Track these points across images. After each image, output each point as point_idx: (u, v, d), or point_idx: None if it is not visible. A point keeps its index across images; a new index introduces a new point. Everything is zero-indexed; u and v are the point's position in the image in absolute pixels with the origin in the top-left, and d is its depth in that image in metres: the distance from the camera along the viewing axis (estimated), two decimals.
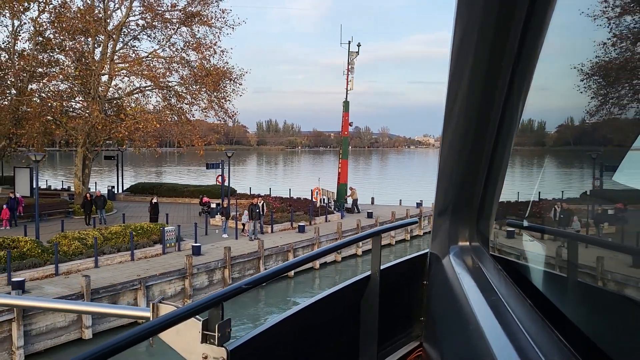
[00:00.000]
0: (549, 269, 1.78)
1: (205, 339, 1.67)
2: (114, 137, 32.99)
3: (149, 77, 31.62)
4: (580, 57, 1.38)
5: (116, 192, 40.13)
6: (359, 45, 37.21)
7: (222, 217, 27.43)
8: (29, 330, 15.35)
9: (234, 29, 33.64)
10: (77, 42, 31.19)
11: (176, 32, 32.95)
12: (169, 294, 19.65)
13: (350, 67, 37.04)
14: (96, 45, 32.24)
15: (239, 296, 1.79)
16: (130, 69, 31.90)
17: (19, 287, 16.14)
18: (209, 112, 34.02)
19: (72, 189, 36.73)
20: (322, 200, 34.69)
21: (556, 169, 2.01)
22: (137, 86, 33.64)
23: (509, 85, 1.89)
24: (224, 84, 33.46)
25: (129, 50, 33.35)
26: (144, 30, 33.14)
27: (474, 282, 2.08)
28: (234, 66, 33.91)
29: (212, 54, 32.72)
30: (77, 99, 33.25)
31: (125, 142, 35.15)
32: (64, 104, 31.27)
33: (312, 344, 2.32)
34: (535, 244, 2.01)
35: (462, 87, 1.99)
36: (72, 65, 30.93)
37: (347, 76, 36.93)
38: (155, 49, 33.29)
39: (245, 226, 26.54)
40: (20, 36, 31.33)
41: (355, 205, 35.75)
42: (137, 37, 33.60)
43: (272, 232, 27.64)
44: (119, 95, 34.19)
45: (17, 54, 30.89)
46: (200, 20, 32.39)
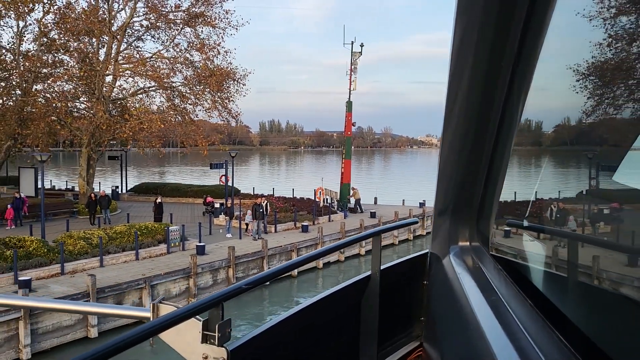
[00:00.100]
0: (549, 269, 1.77)
1: (205, 339, 1.67)
2: (118, 138, 33.13)
3: (153, 77, 31.71)
4: (579, 57, 1.38)
5: (120, 192, 40.27)
6: (362, 45, 37.17)
7: (226, 217, 27.49)
8: (36, 328, 15.46)
9: (237, 29, 33.67)
10: (81, 43, 31.33)
11: (180, 32, 33.04)
12: (174, 293, 19.73)
13: (353, 67, 37.00)
14: (100, 46, 32.38)
15: (243, 295, 1.80)
16: (134, 69, 32.02)
17: (25, 286, 16.26)
18: (213, 113, 34.16)
19: (77, 189, 36.87)
20: (325, 200, 34.70)
21: (556, 169, 2.01)
22: (141, 87, 33.82)
23: (509, 85, 1.89)
24: (228, 85, 33.52)
25: (133, 50, 33.52)
26: (148, 31, 33.23)
27: (474, 282, 2.08)
28: (237, 67, 34.05)
29: (215, 55, 32.85)
30: (81, 100, 33.41)
31: (129, 142, 35.29)
32: (68, 105, 31.40)
33: (312, 344, 2.32)
34: (535, 243, 2.00)
35: (462, 87, 1.99)
36: (77, 65, 31.07)
37: (350, 76, 36.91)
38: (159, 49, 33.45)
39: (248, 226, 26.58)
40: (25, 37, 31.58)
41: (358, 205, 35.74)
42: (141, 37, 33.74)
43: (276, 231, 27.69)
44: (123, 95, 34.33)
45: (22, 54, 31.06)
46: (204, 21, 32.44)
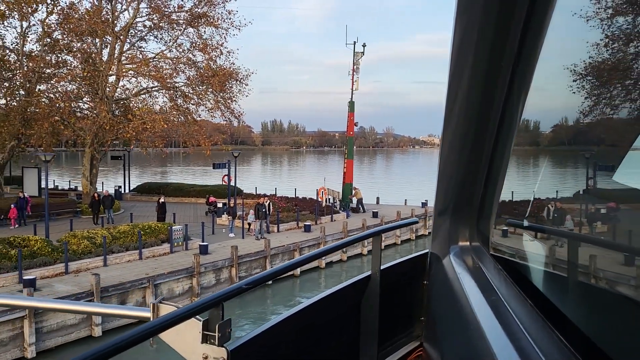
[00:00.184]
0: (549, 268, 1.77)
1: (205, 339, 1.67)
2: (121, 138, 33.22)
3: (156, 77, 31.78)
4: (580, 57, 1.38)
5: (123, 192, 40.39)
6: (364, 45, 37.09)
7: (229, 217, 27.54)
8: (40, 327, 15.53)
9: (240, 29, 33.75)
10: (84, 43, 31.43)
11: (183, 33, 33.10)
12: (177, 293, 19.79)
13: (355, 67, 36.95)
14: (103, 46, 32.46)
15: (246, 295, 1.80)
16: (137, 69, 32.09)
17: (30, 285, 16.35)
18: (216, 113, 34.21)
19: (80, 189, 36.99)
20: (328, 200, 34.70)
21: (556, 168, 2.00)
22: (144, 87, 33.88)
23: (509, 85, 1.89)
24: (230, 85, 33.57)
25: (136, 51, 33.57)
26: (151, 31, 33.31)
27: (474, 282, 2.08)
28: (240, 67, 34.09)
29: (218, 55, 32.88)
30: (84, 100, 33.51)
31: (132, 142, 35.37)
32: (72, 105, 31.51)
33: (313, 344, 2.32)
34: (535, 243, 2.00)
35: (462, 87, 1.99)
36: (80, 66, 31.15)
37: (353, 76, 36.86)
38: (162, 49, 33.50)
39: (251, 225, 26.60)
40: (28, 37, 31.67)
41: (360, 204, 35.73)
42: (144, 38, 33.81)
43: (278, 231, 27.70)
44: (127, 95, 34.42)
45: (25, 55, 31.16)
46: (206, 21, 32.50)
